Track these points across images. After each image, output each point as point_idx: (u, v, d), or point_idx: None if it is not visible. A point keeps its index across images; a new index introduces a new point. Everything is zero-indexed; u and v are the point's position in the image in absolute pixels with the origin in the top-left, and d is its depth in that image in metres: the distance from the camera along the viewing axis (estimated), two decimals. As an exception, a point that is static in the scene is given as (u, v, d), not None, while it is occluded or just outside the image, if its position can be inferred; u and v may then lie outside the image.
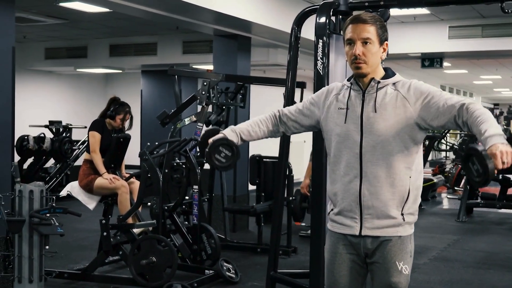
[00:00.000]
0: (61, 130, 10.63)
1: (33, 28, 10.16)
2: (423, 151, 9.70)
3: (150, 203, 5.62)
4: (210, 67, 9.11)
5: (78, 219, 5.45)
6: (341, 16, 4.05)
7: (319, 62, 3.79)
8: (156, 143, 5.62)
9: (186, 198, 5.88)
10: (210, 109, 6.53)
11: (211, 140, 2.57)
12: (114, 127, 5.97)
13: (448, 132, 13.80)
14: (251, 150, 8.55)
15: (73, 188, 5.84)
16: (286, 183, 5.46)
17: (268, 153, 7.72)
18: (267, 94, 11.64)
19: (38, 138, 10.01)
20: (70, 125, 10.82)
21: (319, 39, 3.80)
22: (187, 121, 6.11)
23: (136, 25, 9.74)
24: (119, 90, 13.72)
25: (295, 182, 7.52)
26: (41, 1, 7.95)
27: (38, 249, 4.62)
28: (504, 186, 9.65)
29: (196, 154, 6.15)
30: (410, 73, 15.08)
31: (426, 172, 12.80)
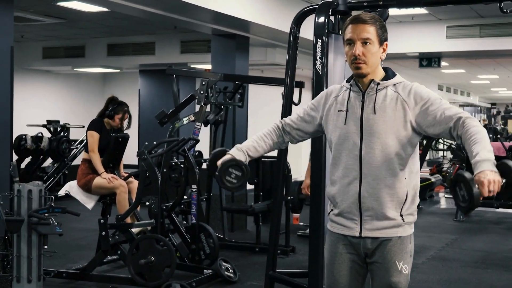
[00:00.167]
0: (58, 129, 10.61)
1: (31, 27, 10.15)
2: (421, 151, 9.70)
3: (148, 203, 5.62)
4: (208, 67, 9.12)
5: (76, 219, 5.44)
6: (340, 16, 4.06)
7: (318, 62, 3.79)
8: (154, 143, 5.62)
9: (185, 197, 5.89)
10: (208, 108, 6.53)
11: (220, 163, 2.58)
12: (113, 127, 5.97)
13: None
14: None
15: (71, 187, 5.83)
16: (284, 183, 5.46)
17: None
18: (265, 93, 11.65)
19: (36, 138, 10.00)
20: (68, 124, 10.81)
21: (318, 39, 3.81)
22: (186, 120, 6.10)
23: (134, 24, 9.74)
24: (117, 89, 13.72)
25: (293, 181, 7.51)
26: (39, 0, 7.94)
27: (36, 248, 4.61)
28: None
29: (194, 154, 6.15)
30: (408, 72, 15.08)
31: (424, 171, 12.81)
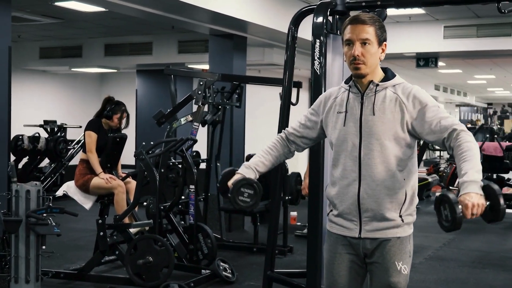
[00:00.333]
0: (55, 129, 10.58)
1: (27, 27, 10.13)
2: (418, 151, 9.72)
3: (146, 203, 5.61)
4: (206, 67, 9.11)
5: (73, 219, 5.43)
6: (338, 16, 4.06)
7: (316, 62, 3.79)
8: (151, 143, 5.61)
9: (182, 197, 5.88)
10: (206, 108, 6.52)
11: (231, 184, 2.59)
12: (111, 127, 5.96)
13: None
14: (247, 149, 8.55)
15: (69, 188, 5.83)
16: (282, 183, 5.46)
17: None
18: (262, 93, 11.65)
19: (32, 138, 9.96)
20: (65, 124, 10.78)
21: (316, 39, 3.81)
22: (183, 120, 6.10)
23: (131, 24, 9.73)
24: (114, 89, 13.70)
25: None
26: (36, 0, 7.93)
27: (34, 249, 4.60)
28: (498, 186, 9.65)
29: (192, 154, 6.14)
30: (405, 72, 15.10)
31: (421, 171, 12.81)
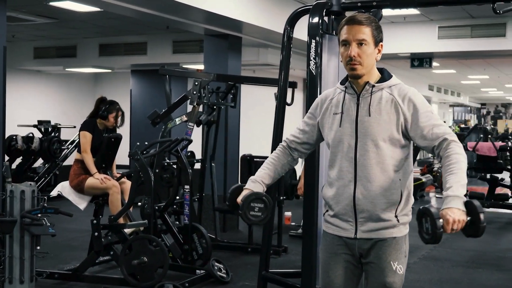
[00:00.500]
0: (49, 130, 10.57)
1: (22, 27, 10.11)
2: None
3: (140, 203, 5.61)
4: (200, 67, 9.10)
5: (68, 219, 5.42)
6: (333, 16, 4.07)
7: (312, 62, 3.80)
8: (146, 143, 5.61)
9: (177, 198, 5.88)
10: (200, 109, 6.52)
11: (240, 200, 2.59)
12: (107, 126, 5.96)
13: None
14: (242, 150, 8.55)
15: (63, 188, 5.82)
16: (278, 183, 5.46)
17: (258, 152, 7.73)
18: (256, 93, 11.65)
19: (26, 138, 9.94)
20: (59, 124, 10.76)
21: (312, 39, 3.82)
22: (178, 121, 6.10)
23: (126, 24, 9.71)
24: (108, 89, 13.68)
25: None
26: (31, 0, 7.91)
27: (29, 249, 4.60)
28: (492, 186, 9.71)
29: (186, 154, 6.14)
30: (399, 73, 15.14)
31: (415, 171, 12.74)
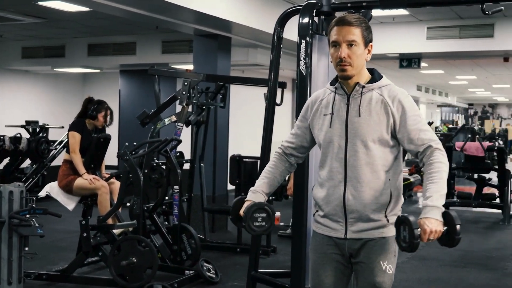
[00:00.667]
0: (37, 130, 10.52)
1: (10, 27, 10.05)
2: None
3: (129, 204, 5.59)
4: (189, 67, 9.08)
5: (56, 220, 5.39)
6: (323, 16, 4.07)
7: (302, 63, 3.79)
8: (134, 143, 5.59)
9: (166, 198, 5.86)
10: (190, 109, 6.51)
11: (243, 212, 2.60)
12: (97, 126, 5.94)
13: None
14: (231, 150, 8.54)
15: (52, 188, 5.79)
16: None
17: (248, 153, 7.72)
18: (244, 93, 11.65)
19: (14, 138, 9.89)
20: (47, 125, 10.71)
21: (302, 40, 3.81)
22: (167, 121, 6.09)
23: (115, 24, 9.67)
24: (97, 90, 13.63)
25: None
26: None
27: (17, 250, 4.57)
28: (479, 185, 9.77)
29: (175, 154, 6.12)
30: (388, 73, 15.17)
31: (403, 171, 12.88)
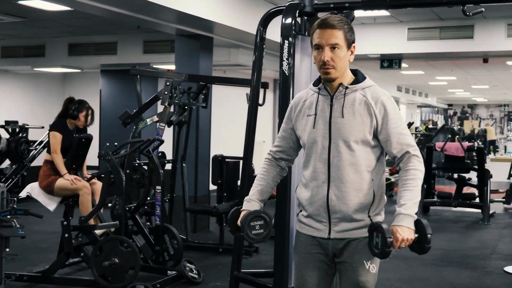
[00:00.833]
0: (17, 130, 10.43)
1: (-11, 26, 9.94)
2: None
3: (111, 204, 5.56)
4: (171, 67, 9.05)
5: (36, 221, 5.34)
6: (306, 17, 4.08)
7: (285, 63, 3.81)
8: (115, 144, 5.56)
9: (148, 198, 5.84)
10: (172, 109, 6.50)
11: (240, 222, 2.62)
12: (78, 126, 5.90)
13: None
14: (213, 150, 8.54)
15: (33, 189, 5.75)
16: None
17: (230, 153, 7.72)
18: (226, 93, 11.65)
19: (-7, 139, 9.81)
20: (27, 125, 10.63)
21: (285, 40, 3.83)
22: (149, 121, 6.07)
23: (96, 24, 9.61)
24: (78, 89, 13.54)
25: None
26: (-2, -2, 7.79)
27: (-2, 251, 4.53)
28: (459, 185, 9.86)
29: (157, 155, 6.10)
30: (368, 73, 15.07)
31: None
